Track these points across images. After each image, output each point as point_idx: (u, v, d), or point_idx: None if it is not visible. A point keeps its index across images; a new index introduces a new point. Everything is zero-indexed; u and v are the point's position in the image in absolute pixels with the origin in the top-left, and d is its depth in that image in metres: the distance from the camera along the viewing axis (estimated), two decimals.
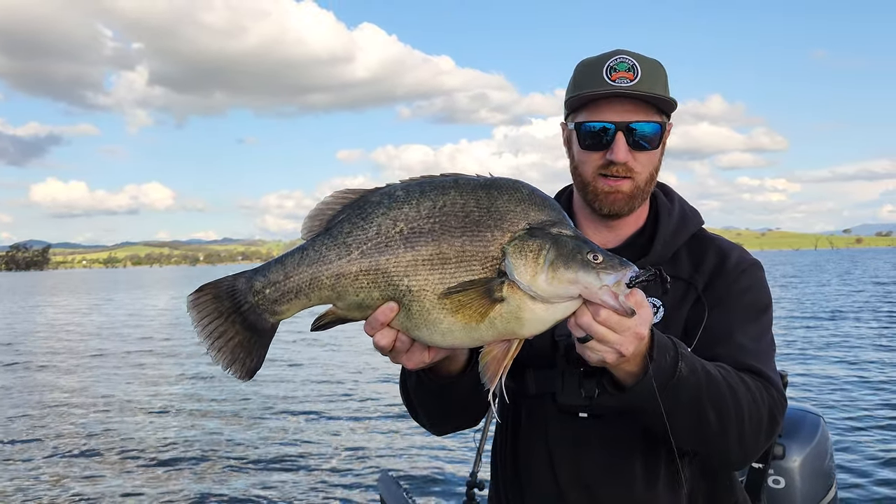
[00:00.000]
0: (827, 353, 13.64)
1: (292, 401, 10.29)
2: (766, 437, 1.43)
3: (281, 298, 1.23)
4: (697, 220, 1.69)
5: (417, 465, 7.09)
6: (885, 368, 11.83)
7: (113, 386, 12.54)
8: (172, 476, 7.20)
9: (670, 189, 1.75)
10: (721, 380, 1.36)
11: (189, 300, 1.24)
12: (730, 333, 1.51)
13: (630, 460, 1.54)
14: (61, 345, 19.40)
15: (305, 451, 7.68)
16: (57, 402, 11.11)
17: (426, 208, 1.19)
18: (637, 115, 1.53)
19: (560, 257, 1.15)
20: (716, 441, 1.39)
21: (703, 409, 1.33)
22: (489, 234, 1.18)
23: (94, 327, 24.97)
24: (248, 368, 1.25)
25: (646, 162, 1.56)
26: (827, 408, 8.87)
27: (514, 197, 1.21)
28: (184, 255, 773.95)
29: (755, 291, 1.59)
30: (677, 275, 1.59)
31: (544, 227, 1.19)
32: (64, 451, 8.18)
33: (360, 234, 1.20)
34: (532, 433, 1.63)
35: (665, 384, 1.28)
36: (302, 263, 1.22)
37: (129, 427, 9.29)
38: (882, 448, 7.30)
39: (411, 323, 1.21)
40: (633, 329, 1.18)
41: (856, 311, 22.18)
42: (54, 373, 14.33)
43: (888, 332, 16.80)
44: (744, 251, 1.65)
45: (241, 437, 8.28)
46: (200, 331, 1.23)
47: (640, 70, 1.52)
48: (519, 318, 1.17)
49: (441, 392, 1.48)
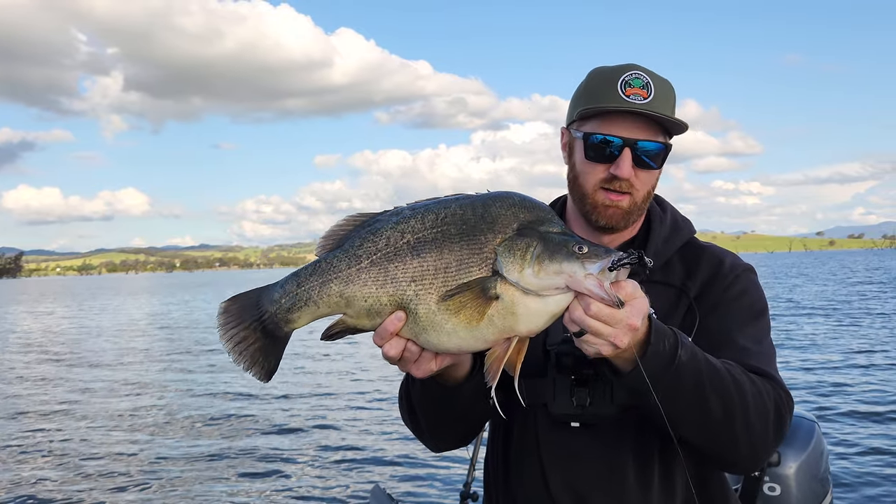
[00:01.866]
0: (821, 357, 13.69)
1: (283, 413, 10.18)
2: (775, 435, 1.41)
3: (293, 307, 1.31)
4: (689, 228, 1.70)
5: (410, 477, 7.02)
6: (879, 373, 11.90)
7: (105, 395, 12.38)
8: (161, 487, 7.08)
9: (663, 199, 1.76)
10: (724, 370, 1.35)
11: (220, 307, 1.35)
12: (730, 337, 1.50)
13: (623, 470, 1.52)
14: (36, 356, 19.06)
15: (296, 464, 7.59)
16: (34, 413, 10.88)
17: (430, 220, 1.29)
18: (646, 134, 1.54)
19: (546, 251, 1.21)
20: (722, 432, 1.36)
21: (705, 396, 1.32)
22: (483, 237, 1.25)
23: (77, 335, 24.60)
24: (267, 370, 1.34)
25: (646, 180, 1.57)
26: (822, 414, 8.92)
27: (506, 203, 1.29)
28: (160, 262, 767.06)
29: (750, 295, 1.59)
30: (669, 282, 1.60)
31: (533, 226, 1.25)
32: (45, 459, 8.00)
33: (369, 245, 1.29)
34: (524, 444, 1.62)
35: (665, 370, 1.28)
36: (314, 273, 1.31)
37: (114, 439, 9.15)
38: (877, 454, 7.35)
39: (419, 327, 1.27)
40: (625, 321, 1.19)
41: (850, 313, 22.36)
42: (32, 383, 14.06)
43: (883, 335, 16.87)
44: (736, 257, 1.65)
45: (230, 449, 8.17)
46: (224, 334, 1.33)
47: (653, 88, 1.53)
48: (514, 314, 1.22)
49: (444, 398, 1.49)
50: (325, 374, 13.93)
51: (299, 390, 11.73)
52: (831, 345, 15.50)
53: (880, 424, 8.56)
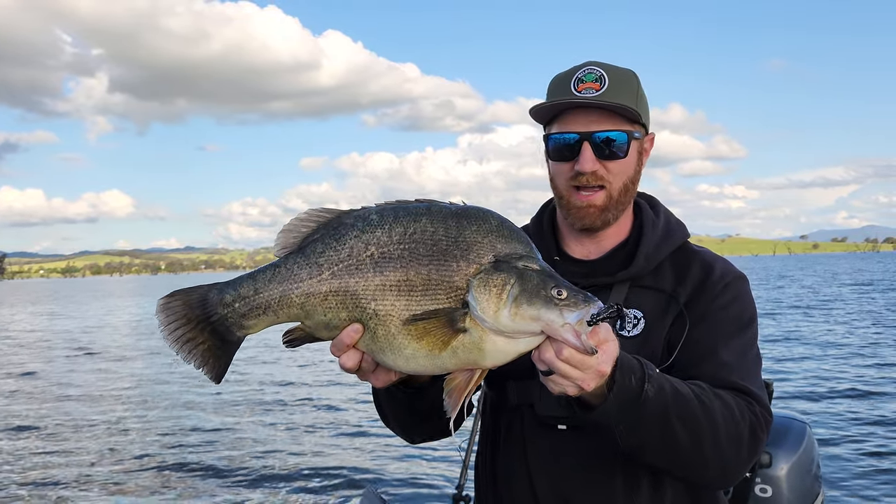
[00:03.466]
0: (811, 359, 13.72)
1: (273, 415, 10.11)
2: (749, 454, 1.40)
3: (249, 313, 1.25)
4: (682, 232, 1.67)
5: (402, 479, 6.96)
6: (870, 373, 11.97)
7: (95, 402, 12.17)
8: (153, 490, 7.02)
9: (657, 202, 1.74)
10: (693, 398, 1.34)
11: (159, 304, 1.26)
12: (713, 350, 1.48)
13: (610, 474, 1.50)
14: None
15: (286, 467, 7.50)
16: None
17: (397, 234, 1.21)
18: (602, 125, 1.52)
19: (524, 293, 1.15)
20: (689, 461, 1.36)
21: (671, 428, 1.31)
22: (454, 265, 1.19)
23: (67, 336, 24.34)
24: (217, 373, 1.29)
25: (618, 171, 1.55)
26: (813, 415, 8.95)
27: (482, 228, 1.21)
28: (145, 264, 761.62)
29: (739, 305, 1.56)
30: (660, 287, 1.58)
31: (510, 261, 1.19)
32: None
33: (332, 254, 1.22)
34: (511, 445, 1.61)
35: (631, 406, 1.26)
36: (273, 280, 1.24)
37: (98, 445, 9.03)
38: (868, 455, 7.38)
39: (376, 346, 1.23)
40: (594, 367, 1.18)
41: (840, 315, 22.46)
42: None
43: (873, 336, 16.99)
44: (728, 264, 1.63)
45: (219, 452, 8.08)
46: (168, 335, 1.26)
47: (607, 80, 1.53)
48: (481, 350, 1.18)
49: (410, 402, 1.47)
50: (313, 374, 13.88)
51: (287, 391, 11.66)
52: (821, 344, 15.64)
53: (872, 425, 8.60)
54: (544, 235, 1.70)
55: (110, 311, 40.32)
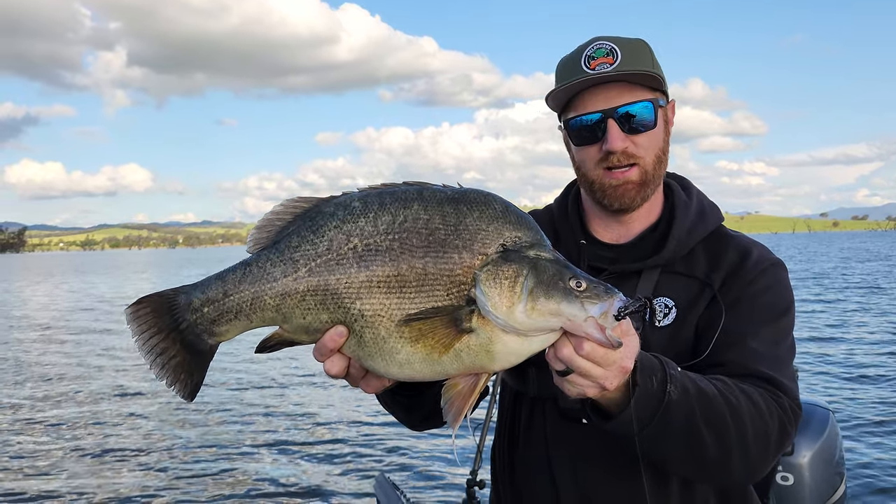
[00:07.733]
0: (836, 344, 13.43)
1: (284, 402, 10.10)
2: (776, 450, 1.34)
3: (220, 318, 1.12)
4: (717, 216, 1.58)
5: (414, 466, 6.91)
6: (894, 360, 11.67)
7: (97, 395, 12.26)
8: (162, 471, 7.08)
9: (689, 182, 1.65)
10: (718, 397, 1.26)
11: (128, 312, 1.14)
12: (743, 337, 1.40)
13: (635, 472, 1.36)
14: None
15: (298, 454, 7.50)
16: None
17: (384, 223, 1.07)
18: (624, 98, 1.45)
19: (540, 285, 1.02)
20: (716, 464, 1.28)
21: (698, 432, 1.23)
22: (456, 256, 1.05)
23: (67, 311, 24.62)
24: (190, 389, 1.15)
25: (647, 144, 1.47)
26: (836, 402, 8.78)
27: (486, 213, 1.08)
28: (162, 238, 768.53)
29: (775, 292, 1.47)
30: (692, 273, 1.50)
31: (520, 250, 1.06)
32: None
33: (308, 248, 1.09)
34: (531, 437, 1.55)
35: (654, 411, 1.18)
36: (244, 281, 1.11)
37: (95, 440, 9.06)
38: (892, 441, 7.26)
39: (363, 351, 1.09)
40: (618, 363, 1.08)
41: (864, 297, 21.96)
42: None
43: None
44: (765, 249, 1.53)
45: (229, 440, 8.10)
46: (142, 345, 1.13)
47: (619, 53, 1.44)
48: (489, 352, 1.05)
49: (409, 404, 1.39)
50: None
51: (297, 378, 11.67)
52: (847, 330, 15.28)
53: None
54: (570, 218, 1.63)
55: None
